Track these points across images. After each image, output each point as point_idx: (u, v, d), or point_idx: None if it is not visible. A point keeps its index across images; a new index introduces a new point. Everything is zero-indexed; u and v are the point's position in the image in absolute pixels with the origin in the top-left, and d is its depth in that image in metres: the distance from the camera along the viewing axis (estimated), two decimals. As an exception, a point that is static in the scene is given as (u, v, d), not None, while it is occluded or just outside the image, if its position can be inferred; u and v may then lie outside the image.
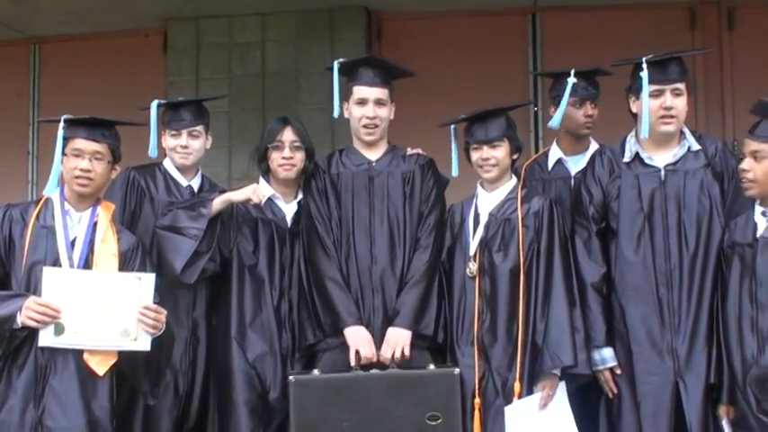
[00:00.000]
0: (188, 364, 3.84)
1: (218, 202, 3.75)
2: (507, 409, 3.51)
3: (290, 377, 3.55)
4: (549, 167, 4.17)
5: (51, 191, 3.42)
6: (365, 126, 3.79)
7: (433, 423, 3.46)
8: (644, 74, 3.52)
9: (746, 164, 3.38)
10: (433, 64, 5.76)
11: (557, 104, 4.10)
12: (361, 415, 3.47)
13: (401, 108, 3.94)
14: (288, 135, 3.83)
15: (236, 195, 3.76)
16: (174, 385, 3.79)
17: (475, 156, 3.71)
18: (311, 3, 5.97)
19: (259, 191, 3.74)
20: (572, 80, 3.94)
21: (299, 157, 3.84)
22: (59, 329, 3.24)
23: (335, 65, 3.85)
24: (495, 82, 5.77)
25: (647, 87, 3.53)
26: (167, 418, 3.78)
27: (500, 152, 3.68)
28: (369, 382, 3.50)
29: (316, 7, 6.03)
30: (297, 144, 3.83)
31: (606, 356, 3.55)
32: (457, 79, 6.00)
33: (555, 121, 4.00)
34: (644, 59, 3.54)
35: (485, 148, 3.67)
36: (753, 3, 5.94)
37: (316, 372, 3.58)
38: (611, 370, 3.56)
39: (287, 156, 3.81)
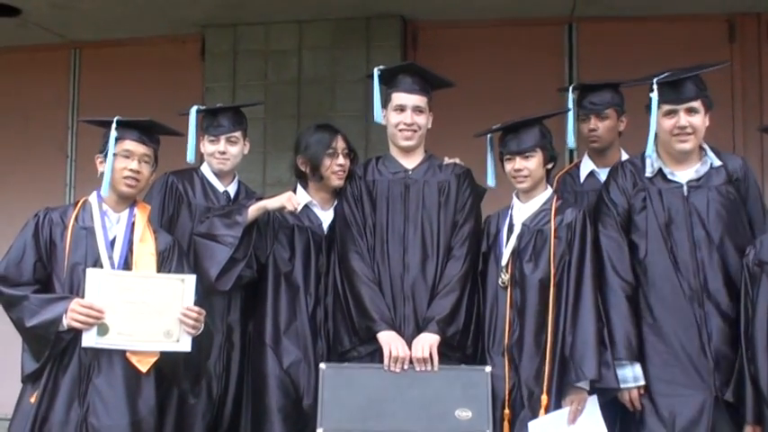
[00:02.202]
0: (222, 369, 3.86)
1: (253, 210, 3.78)
2: (531, 425, 3.48)
3: (321, 365, 3.58)
4: (582, 179, 4.16)
5: (106, 191, 3.47)
6: (402, 131, 3.80)
7: (463, 418, 3.46)
8: (653, 95, 3.50)
9: None
10: (469, 72, 5.75)
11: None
12: (391, 405, 3.49)
13: (435, 116, 3.94)
14: (340, 143, 3.87)
15: (271, 203, 3.79)
16: (208, 389, 3.82)
17: (508, 166, 3.70)
18: (348, 11, 6.00)
19: (294, 199, 3.76)
20: (570, 95, 3.93)
21: (348, 164, 3.89)
22: (103, 330, 3.28)
23: (376, 72, 3.86)
24: (531, 91, 5.74)
25: (655, 109, 3.51)
26: (201, 422, 3.80)
27: (532, 163, 3.67)
28: (399, 375, 3.53)
29: (352, 15, 6.06)
30: (346, 151, 3.89)
31: (638, 374, 3.50)
32: (492, 88, 6.00)
33: (569, 140, 4.00)
34: (654, 80, 3.52)
35: (517, 158, 3.66)
36: (793, 15, 5.89)
37: (347, 363, 3.64)
38: (639, 387, 3.51)
39: (341, 163, 3.85)
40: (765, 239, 3.45)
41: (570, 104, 4.02)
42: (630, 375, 3.50)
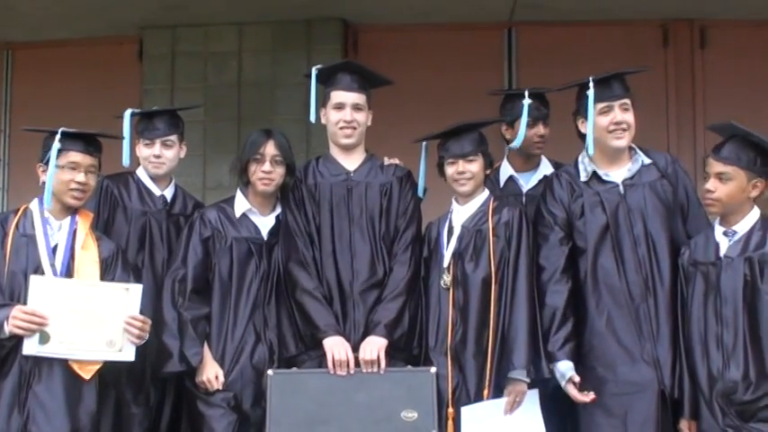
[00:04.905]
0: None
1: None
2: (464, 410, 3.54)
3: (269, 371, 3.58)
4: (501, 184, 4.24)
5: (49, 203, 3.42)
6: (342, 128, 3.80)
7: (409, 419, 3.49)
8: (590, 92, 3.62)
9: (711, 184, 3.46)
10: (409, 77, 5.76)
11: (509, 124, 4.19)
12: (338, 409, 3.52)
13: (375, 120, 3.95)
14: (270, 149, 3.79)
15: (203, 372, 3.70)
16: (146, 396, 3.76)
17: (450, 170, 3.74)
18: (288, 14, 5.97)
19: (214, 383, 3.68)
20: (527, 101, 3.99)
21: (279, 171, 3.80)
22: (44, 338, 3.25)
23: (314, 71, 3.87)
24: (471, 96, 5.78)
25: (592, 105, 3.62)
26: (138, 429, 3.75)
27: (475, 166, 3.73)
28: (346, 379, 3.56)
29: (293, 18, 6.03)
30: (278, 159, 3.80)
31: (562, 370, 3.54)
32: (432, 92, 6.04)
33: (517, 142, 4.01)
34: (590, 78, 3.65)
35: (460, 162, 3.71)
36: (724, 22, 6.06)
37: (294, 369, 3.64)
38: (571, 379, 3.54)
39: (267, 170, 3.78)
40: (699, 240, 3.55)
41: (526, 110, 4.00)
42: (558, 374, 3.55)
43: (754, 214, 3.49)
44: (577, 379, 3.52)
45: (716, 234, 3.50)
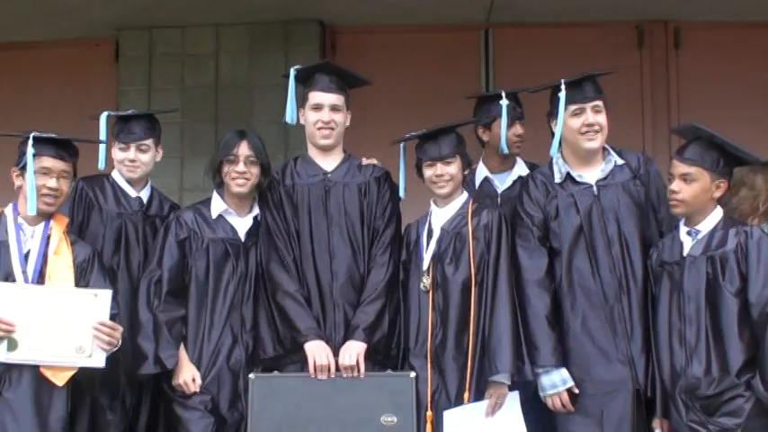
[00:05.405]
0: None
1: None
2: (446, 414, 3.56)
3: (251, 375, 3.61)
4: (476, 185, 4.25)
5: (34, 210, 3.39)
6: (320, 129, 3.80)
7: (388, 424, 3.51)
8: (562, 94, 3.64)
9: (676, 185, 3.51)
10: (387, 78, 5.77)
11: (485, 125, 4.20)
12: (318, 413, 3.55)
13: (354, 120, 3.96)
14: (243, 149, 3.79)
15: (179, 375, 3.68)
16: (122, 399, 3.75)
17: (428, 172, 3.75)
18: (265, 15, 5.96)
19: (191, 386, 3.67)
20: (505, 102, 4.01)
21: (254, 172, 3.80)
22: (12, 345, 3.24)
23: (292, 72, 3.87)
24: (448, 97, 5.80)
25: (563, 107, 3.64)
26: (114, 432, 3.74)
27: (453, 168, 3.74)
28: (327, 383, 3.58)
29: (270, 19, 6.02)
30: (252, 159, 3.80)
31: (565, 377, 3.57)
32: (410, 93, 6.04)
33: (503, 146, 4.05)
34: (562, 81, 3.67)
35: (438, 164, 3.72)
36: (698, 23, 6.11)
37: (275, 372, 3.66)
38: (569, 390, 3.57)
39: (240, 170, 3.78)
40: (666, 240, 3.60)
41: (504, 111, 4.04)
42: (558, 379, 3.58)
43: (717, 214, 3.55)
44: (577, 391, 3.56)
45: (680, 234, 3.56)
